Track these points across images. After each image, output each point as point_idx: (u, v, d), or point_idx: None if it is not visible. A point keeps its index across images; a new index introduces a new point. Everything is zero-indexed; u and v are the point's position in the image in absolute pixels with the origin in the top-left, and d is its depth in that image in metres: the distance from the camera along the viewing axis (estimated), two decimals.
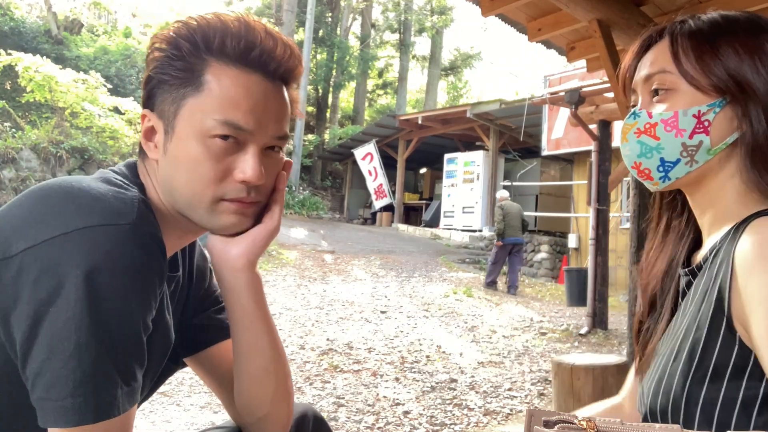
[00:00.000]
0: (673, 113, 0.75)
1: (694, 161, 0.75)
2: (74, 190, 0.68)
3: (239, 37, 0.75)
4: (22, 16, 18.50)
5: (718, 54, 0.74)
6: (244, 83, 0.75)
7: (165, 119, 0.76)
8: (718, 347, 0.67)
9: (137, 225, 0.67)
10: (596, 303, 5.96)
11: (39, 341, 0.62)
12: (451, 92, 30.41)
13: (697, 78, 0.74)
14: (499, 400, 3.71)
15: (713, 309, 0.68)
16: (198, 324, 0.95)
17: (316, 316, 6.04)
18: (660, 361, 0.76)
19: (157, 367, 0.84)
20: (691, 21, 0.78)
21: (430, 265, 10.41)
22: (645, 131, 0.77)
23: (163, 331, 0.81)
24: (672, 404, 0.70)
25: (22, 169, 11.40)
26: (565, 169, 13.26)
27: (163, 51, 0.76)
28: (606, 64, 2.97)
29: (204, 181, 0.75)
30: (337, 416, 3.28)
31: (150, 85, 0.78)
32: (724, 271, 0.68)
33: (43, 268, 0.62)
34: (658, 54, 0.78)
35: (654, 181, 0.79)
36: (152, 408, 3.31)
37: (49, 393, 0.62)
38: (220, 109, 0.74)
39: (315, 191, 20.10)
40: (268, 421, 0.89)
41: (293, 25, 19.55)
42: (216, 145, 0.74)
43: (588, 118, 5.94)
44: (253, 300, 0.83)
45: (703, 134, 0.73)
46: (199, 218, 0.78)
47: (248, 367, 0.85)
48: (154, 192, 0.80)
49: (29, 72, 11.63)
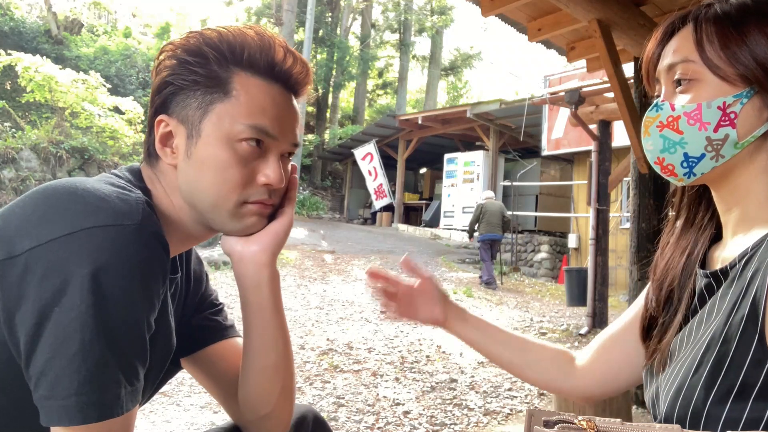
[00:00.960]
0: (697, 105, 0.70)
1: (720, 156, 0.70)
2: (79, 191, 0.68)
3: (264, 51, 0.79)
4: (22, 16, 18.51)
5: (745, 40, 0.69)
6: (270, 92, 0.79)
7: (188, 124, 0.78)
8: (747, 364, 0.62)
9: (142, 225, 0.68)
10: (596, 303, 5.96)
11: (43, 340, 0.62)
12: (451, 92, 30.43)
13: (721, 67, 0.69)
14: (499, 400, 3.71)
15: (745, 322, 0.63)
16: (196, 325, 0.96)
17: (316, 316, 6.04)
18: (679, 369, 0.71)
19: (159, 367, 0.84)
20: (718, 5, 0.72)
21: (430, 265, 10.41)
22: (668, 125, 0.73)
23: (166, 331, 0.82)
24: (690, 418, 0.66)
25: (22, 169, 11.40)
26: (565, 169, 13.26)
27: (184, 58, 0.78)
28: (606, 64, 2.97)
29: (231, 184, 0.77)
30: (337, 416, 3.28)
31: (166, 90, 0.79)
32: (760, 282, 0.62)
33: (48, 268, 0.62)
34: (682, 41, 0.73)
35: (678, 177, 0.74)
36: (152, 408, 3.31)
37: (53, 392, 0.62)
38: (248, 114, 0.77)
39: (315, 191, 20.11)
40: (271, 419, 0.89)
41: (293, 25, 19.55)
42: (243, 149, 0.77)
43: (588, 118, 5.94)
44: (274, 295, 0.85)
45: (729, 127, 0.69)
46: (220, 220, 0.80)
47: (261, 363, 0.86)
48: (164, 197, 0.81)
49: (29, 72, 11.65)
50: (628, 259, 3.48)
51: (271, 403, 0.88)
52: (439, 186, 15.92)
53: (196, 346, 0.96)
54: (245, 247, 0.83)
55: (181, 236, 0.83)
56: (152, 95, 0.81)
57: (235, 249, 0.83)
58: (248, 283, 0.84)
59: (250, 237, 0.83)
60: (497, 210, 8.83)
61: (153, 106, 0.81)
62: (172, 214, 0.81)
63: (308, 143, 20.53)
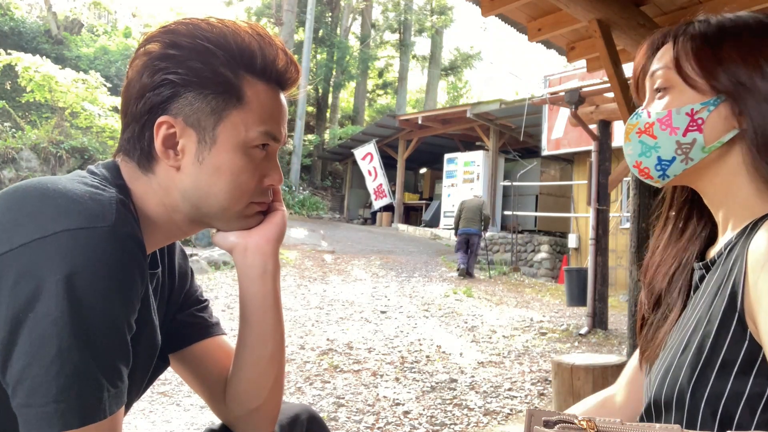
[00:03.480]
0: (668, 112, 0.76)
1: (689, 159, 0.76)
2: (50, 192, 0.66)
3: (273, 60, 0.80)
4: (22, 16, 18.51)
5: (719, 57, 0.74)
6: (275, 98, 0.82)
7: (199, 129, 0.77)
8: (728, 342, 0.67)
9: (115, 227, 0.66)
10: (596, 303, 5.96)
11: (19, 347, 0.61)
12: (451, 92, 30.42)
13: (693, 77, 0.75)
14: (499, 400, 3.71)
15: (726, 304, 0.68)
16: (181, 321, 0.95)
17: (316, 316, 6.04)
18: (668, 353, 0.76)
19: (146, 366, 0.83)
20: (697, 24, 0.78)
21: (430, 265, 10.42)
22: (645, 131, 0.79)
23: (150, 329, 0.81)
24: (677, 395, 0.71)
25: (22, 169, 11.40)
26: (565, 169, 13.26)
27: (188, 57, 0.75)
28: (606, 64, 2.97)
29: (245, 189, 0.80)
30: (337, 416, 3.28)
31: (166, 89, 0.75)
32: (739, 266, 0.68)
33: (20, 273, 0.61)
34: (664, 53, 0.80)
35: (654, 179, 0.80)
36: (152, 408, 3.31)
37: (31, 399, 0.60)
38: (261, 122, 0.79)
39: (315, 191, 20.11)
40: (259, 413, 0.89)
41: (293, 25, 19.55)
42: (256, 155, 0.80)
43: (588, 118, 5.94)
44: (276, 286, 0.87)
45: (697, 132, 0.75)
46: (224, 222, 0.83)
47: (257, 354, 0.87)
48: (151, 195, 0.79)
49: (29, 72, 11.64)
50: (628, 259, 3.48)
51: (262, 396, 0.88)
52: (439, 186, 15.92)
53: (181, 344, 0.95)
54: (248, 239, 0.85)
55: (164, 233, 0.83)
56: (143, 91, 0.76)
57: (238, 241, 0.85)
58: (254, 272, 0.85)
59: (252, 229, 0.85)
60: (474, 206, 9.60)
61: (146, 104, 0.76)
62: (157, 213, 0.80)
63: (308, 143, 20.52)
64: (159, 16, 24.27)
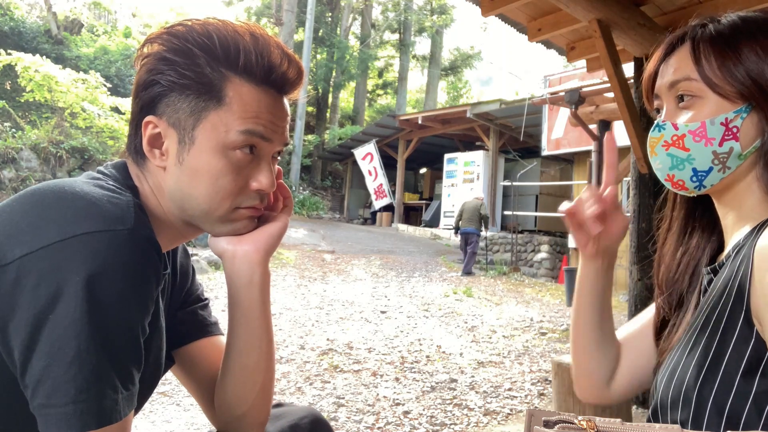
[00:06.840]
0: (700, 123, 0.75)
1: (727, 167, 0.75)
2: (68, 195, 0.67)
3: (261, 57, 0.77)
4: (22, 16, 18.51)
5: (739, 58, 0.73)
6: (264, 99, 0.78)
7: (180, 129, 0.76)
8: (735, 341, 0.67)
9: (134, 230, 0.67)
10: None
11: (39, 348, 0.61)
12: (451, 92, 30.44)
13: (720, 85, 0.74)
14: (499, 400, 3.71)
15: (732, 303, 0.68)
16: (181, 319, 0.95)
17: (316, 316, 6.04)
18: (674, 353, 0.76)
19: (154, 369, 0.84)
20: (711, 25, 0.77)
21: (430, 265, 10.42)
22: (673, 143, 0.77)
23: (159, 333, 0.81)
24: (684, 395, 0.70)
25: (22, 169, 11.40)
26: (565, 169, 13.26)
27: (173, 59, 0.75)
28: (606, 64, 2.97)
29: (224, 193, 0.77)
30: (337, 416, 3.28)
31: (154, 89, 0.76)
32: (746, 265, 0.68)
33: (41, 275, 0.61)
34: (681, 60, 0.78)
35: (689, 191, 0.79)
36: (152, 408, 3.31)
37: (51, 400, 0.61)
38: (242, 122, 0.76)
39: (315, 191, 20.11)
40: (246, 419, 0.88)
41: (293, 25, 19.55)
42: (237, 158, 0.77)
43: (588, 118, 5.94)
44: (263, 294, 0.85)
45: (733, 140, 0.74)
46: (210, 225, 0.80)
47: (242, 361, 0.86)
48: (152, 196, 0.80)
49: (29, 72, 11.64)
50: (628, 259, 3.48)
51: (247, 403, 0.87)
52: (439, 186, 15.93)
53: (180, 341, 0.94)
54: (238, 246, 0.82)
55: (169, 235, 0.83)
56: (137, 90, 0.78)
57: (228, 248, 0.83)
58: (240, 281, 0.83)
59: (244, 236, 0.83)
60: (472, 207, 10.28)
61: (139, 103, 0.78)
62: (160, 214, 0.80)
63: (308, 143, 20.53)
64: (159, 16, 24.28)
